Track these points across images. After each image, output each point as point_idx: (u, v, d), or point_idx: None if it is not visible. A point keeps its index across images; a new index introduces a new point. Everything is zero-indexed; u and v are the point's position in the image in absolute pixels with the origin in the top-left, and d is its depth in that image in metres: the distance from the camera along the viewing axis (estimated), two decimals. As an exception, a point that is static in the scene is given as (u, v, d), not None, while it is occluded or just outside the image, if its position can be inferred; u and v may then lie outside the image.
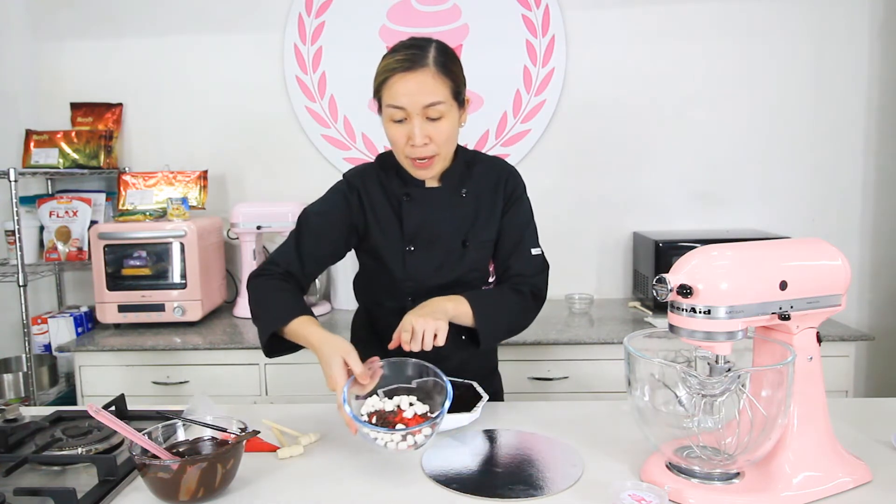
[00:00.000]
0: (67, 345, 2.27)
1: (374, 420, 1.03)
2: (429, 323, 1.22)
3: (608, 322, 2.36)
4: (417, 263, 1.41)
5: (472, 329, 1.37)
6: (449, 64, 1.30)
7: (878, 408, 1.40)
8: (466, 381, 1.40)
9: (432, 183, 1.43)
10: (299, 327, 1.27)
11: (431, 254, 1.41)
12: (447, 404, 1.10)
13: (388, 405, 1.15)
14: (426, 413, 1.11)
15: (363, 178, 1.45)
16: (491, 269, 1.50)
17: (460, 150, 1.44)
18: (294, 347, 1.33)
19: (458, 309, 1.32)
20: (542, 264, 1.48)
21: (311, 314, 1.31)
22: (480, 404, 1.31)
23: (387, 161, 1.44)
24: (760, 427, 1.00)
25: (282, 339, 1.32)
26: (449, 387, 1.13)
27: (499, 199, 1.45)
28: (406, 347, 1.22)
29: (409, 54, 1.27)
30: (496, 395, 1.60)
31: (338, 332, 2.33)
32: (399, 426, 1.10)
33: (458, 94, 1.32)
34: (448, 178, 1.42)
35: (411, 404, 1.15)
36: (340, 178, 1.49)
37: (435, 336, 1.22)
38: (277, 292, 1.34)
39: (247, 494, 1.08)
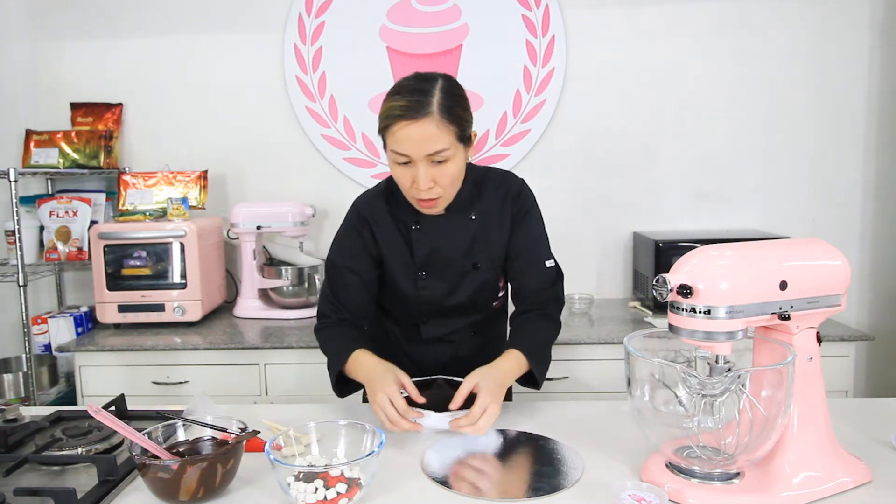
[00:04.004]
0: (67, 345, 2.27)
1: (300, 476, 1.01)
2: (496, 410, 1.24)
3: (608, 322, 2.35)
4: (430, 287, 1.43)
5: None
6: (454, 108, 1.27)
7: (878, 408, 1.40)
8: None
9: (440, 210, 1.42)
10: (351, 367, 1.38)
11: (443, 278, 1.43)
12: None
13: (320, 463, 1.10)
14: (354, 479, 1.03)
15: (372, 208, 1.45)
16: (502, 284, 1.52)
17: (469, 170, 1.42)
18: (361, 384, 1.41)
19: (519, 371, 1.36)
20: (556, 275, 1.49)
21: (363, 347, 1.39)
22: None
23: (395, 187, 1.41)
24: (760, 427, 1.00)
25: (350, 380, 1.43)
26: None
27: (506, 214, 1.45)
28: (472, 431, 1.23)
29: (413, 102, 1.23)
30: (507, 394, 1.63)
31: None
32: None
33: (464, 136, 1.30)
34: (456, 203, 1.40)
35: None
36: (351, 205, 1.50)
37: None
38: (332, 340, 1.45)
39: (247, 494, 1.08)
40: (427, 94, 1.24)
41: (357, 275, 1.44)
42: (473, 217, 1.42)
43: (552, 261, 1.48)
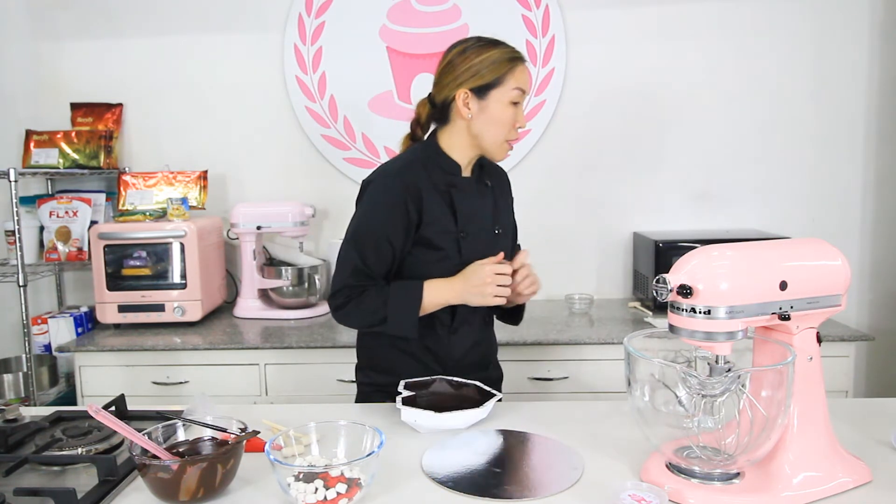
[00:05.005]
0: (67, 345, 2.27)
1: (300, 476, 1.01)
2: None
3: (608, 322, 2.36)
4: (469, 249, 1.48)
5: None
6: None
7: (878, 408, 1.40)
8: (472, 381, 1.42)
9: (466, 174, 1.52)
10: (428, 294, 1.43)
11: (478, 239, 1.50)
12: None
13: (321, 463, 1.09)
14: (354, 479, 1.02)
15: (417, 176, 1.45)
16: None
17: None
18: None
19: None
20: None
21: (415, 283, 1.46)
22: (492, 402, 1.33)
23: (424, 155, 1.48)
24: (760, 427, 1.00)
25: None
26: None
27: (505, 188, 1.63)
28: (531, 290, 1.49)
29: (516, 49, 1.44)
30: (496, 383, 1.68)
31: (338, 332, 2.34)
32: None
33: None
34: (476, 169, 1.54)
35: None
36: (375, 181, 1.46)
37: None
38: (375, 296, 1.43)
39: (247, 494, 1.08)
40: None
41: (392, 245, 1.43)
42: (488, 184, 1.56)
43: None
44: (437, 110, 1.48)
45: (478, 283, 1.41)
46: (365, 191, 1.46)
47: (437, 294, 1.43)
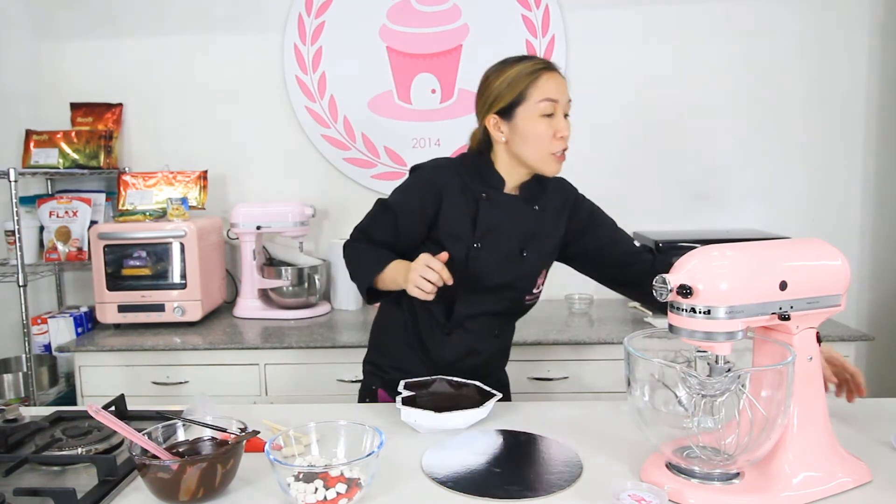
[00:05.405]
0: (67, 345, 2.27)
1: (300, 476, 1.01)
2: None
3: (608, 322, 2.35)
4: (480, 260, 1.46)
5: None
6: None
7: (878, 408, 1.40)
8: (472, 381, 1.43)
9: (511, 191, 1.49)
10: (389, 271, 1.43)
11: (493, 255, 1.47)
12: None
13: (320, 463, 1.09)
14: (354, 479, 1.02)
15: (447, 175, 1.48)
16: (539, 281, 1.55)
17: None
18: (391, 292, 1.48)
19: None
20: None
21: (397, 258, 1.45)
22: (492, 402, 1.33)
23: (469, 162, 1.50)
24: (760, 427, 1.00)
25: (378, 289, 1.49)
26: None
27: (563, 218, 1.55)
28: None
29: (542, 59, 1.43)
30: (504, 388, 1.69)
31: (338, 332, 2.34)
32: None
33: None
34: (526, 189, 1.50)
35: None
36: (419, 168, 1.53)
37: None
38: (368, 251, 1.50)
39: (247, 494, 1.08)
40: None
41: (396, 226, 1.48)
42: (537, 208, 1.51)
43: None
44: (484, 137, 1.48)
45: (410, 269, 1.35)
46: (409, 172, 1.54)
47: (395, 270, 1.42)
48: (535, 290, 1.56)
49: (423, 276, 1.32)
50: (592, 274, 1.64)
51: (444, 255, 1.37)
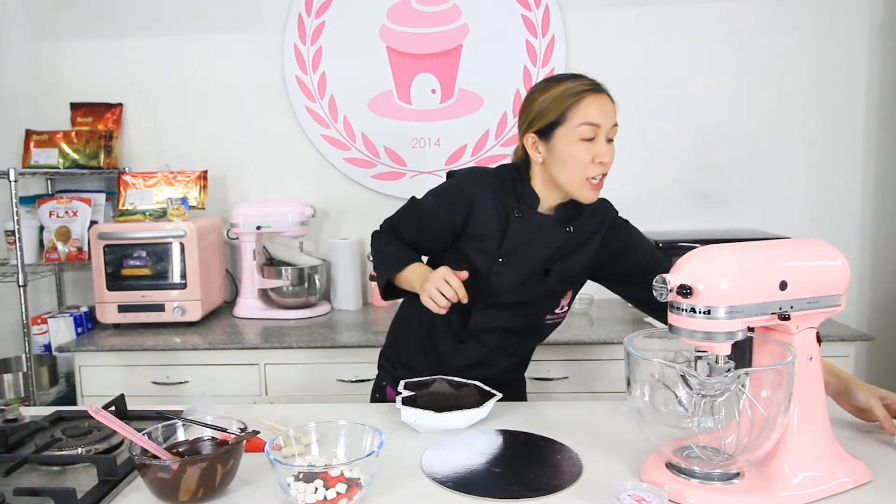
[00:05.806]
0: (67, 345, 2.27)
1: (300, 476, 1.01)
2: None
3: (608, 322, 2.35)
4: (502, 275, 1.44)
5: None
6: None
7: (878, 408, 1.40)
8: (472, 381, 1.43)
9: (546, 210, 1.44)
10: (409, 271, 1.43)
11: (515, 271, 1.44)
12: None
13: (320, 463, 1.09)
14: (354, 479, 1.02)
15: (480, 185, 1.45)
16: (563, 301, 1.52)
17: None
18: (406, 291, 1.47)
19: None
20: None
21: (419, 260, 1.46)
22: (492, 402, 1.33)
23: (506, 175, 1.46)
24: (760, 427, 1.00)
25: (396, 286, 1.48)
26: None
27: (597, 240, 1.49)
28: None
29: (590, 80, 1.37)
30: (520, 394, 1.71)
31: (338, 332, 2.34)
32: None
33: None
34: (562, 210, 1.45)
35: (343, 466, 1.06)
36: (455, 175, 1.50)
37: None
38: (394, 245, 1.50)
39: (247, 494, 1.08)
40: (595, 80, 1.39)
41: (421, 227, 1.48)
42: (570, 229, 1.45)
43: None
44: (524, 153, 1.45)
45: (429, 278, 1.34)
46: (446, 177, 1.53)
47: (414, 274, 1.41)
48: (557, 311, 1.52)
49: (439, 288, 1.30)
50: (626, 296, 1.59)
51: (464, 274, 1.34)
